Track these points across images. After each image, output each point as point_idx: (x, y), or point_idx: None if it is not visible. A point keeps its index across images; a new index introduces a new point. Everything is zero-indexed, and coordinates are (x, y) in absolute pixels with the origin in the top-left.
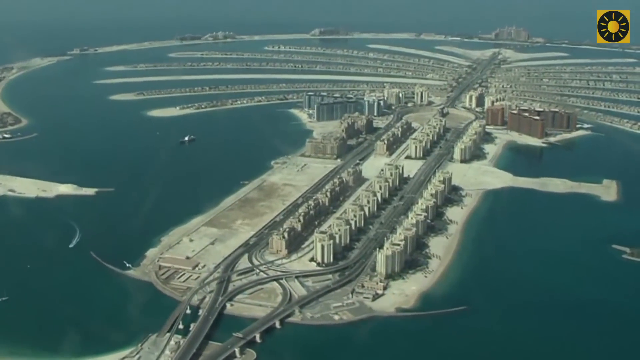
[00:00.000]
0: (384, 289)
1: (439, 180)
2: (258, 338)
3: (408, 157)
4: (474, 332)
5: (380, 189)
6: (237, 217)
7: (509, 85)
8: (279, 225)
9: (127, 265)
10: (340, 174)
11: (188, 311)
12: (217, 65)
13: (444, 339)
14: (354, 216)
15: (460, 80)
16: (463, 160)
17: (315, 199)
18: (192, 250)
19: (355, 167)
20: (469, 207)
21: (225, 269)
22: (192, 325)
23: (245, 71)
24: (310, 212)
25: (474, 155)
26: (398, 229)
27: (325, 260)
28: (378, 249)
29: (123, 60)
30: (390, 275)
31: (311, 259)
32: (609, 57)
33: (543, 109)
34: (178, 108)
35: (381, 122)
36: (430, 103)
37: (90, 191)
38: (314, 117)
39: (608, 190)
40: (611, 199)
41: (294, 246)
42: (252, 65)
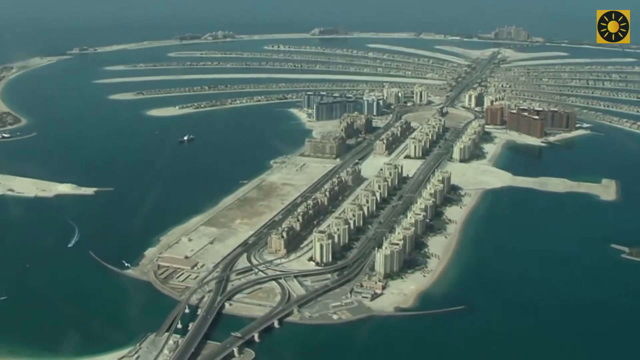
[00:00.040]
0: (383, 288)
1: (438, 180)
2: (257, 337)
3: (407, 157)
4: (472, 332)
5: (379, 188)
6: (236, 217)
7: (508, 85)
8: (277, 224)
9: (126, 264)
10: (339, 174)
11: (187, 310)
12: (217, 65)
13: (442, 339)
14: (352, 216)
15: (459, 79)
16: (462, 160)
17: (314, 199)
18: (191, 249)
19: (354, 167)
20: (468, 207)
21: (224, 268)
22: (191, 324)
23: (244, 71)
24: (309, 212)
25: (473, 154)
26: (397, 228)
27: (324, 260)
28: (377, 248)
29: (122, 59)
30: (389, 275)
31: (310, 259)
32: (609, 57)
33: (542, 109)
34: (177, 107)
35: (380, 122)
36: (429, 102)
37: (89, 191)
38: (313, 117)
39: (607, 190)
40: (610, 199)
41: (292, 246)
42: (252, 64)
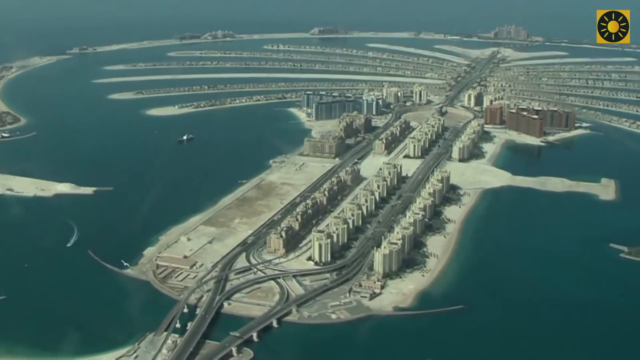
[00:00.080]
0: (382, 288)
1: (437, 179)
2: (255, 337)
3: (406, 156)
4: (471, 331)
5: (379, 188)
6: (235, 216)
7: (507, 85)
8: (276, 224)
9: (125, 264)
10: (338, 173)
11: (185, 310)
12: (216, 65)
13: (441, 338)
14: (351, 215)
15: (459, 79)
16: (461, 159)
17: (313, 198)
18: (190, 249)
19: (353, 166)
20: (467, 206)
21: (223, 267)
22: (190, 324)
23: (244, 70)
24: (308, 211)
25: (473, 154)
26: (396, 228)
27: (322, 259)
28: (376, 248)
29: (122, 59)
30: (387, 274)
31: (309, 258)
32: (608, 56)
33: (542, 108)
34: (177, 107)
35: (380, 121)
36: (429, 102)
37: (88, 190)
38: (312, 116)
39: (606, 189)
40: (609, 198)
41: (291, 245)
42: (251, 64)
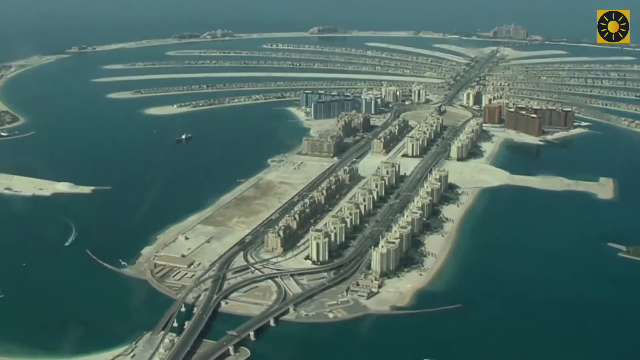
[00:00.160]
0: (379, 287)
1: (435, 178)
2: (252, 336)
3: (405, 155)
4: (469, 330)
5: (377, 187)
6: (233, 215)
7: (506, 83)
8: (274, 223)
9: (123, 263)
10: (336, 172)
11: (183, 309)
12: (215, 64)
13: (439, 337)
14: (349, 214)
15: (458, 78)
16: (460, 158)
17: (311, 197)
18: (188, 248)
19: (351, 165)
20: (465, 205)
21: (221, 267)
22: (187, 323)
23: (243, 69)
24: (306, 210)
25: (471, 153)
26: (394, 227)
27: (320, 259)
28: (373, 247)
29: (121, 58)
30: (385, 274)
31: (306, 257)
32: (607, 55)
33: (540, 107)
34: (175, 106)
35: (378, 120)
36: (427, 101)
37: (86, 189)
38: (311, 115)
39: (604, 188)
40: (608, 197)
41: (289, 244)
42: (250, 63)
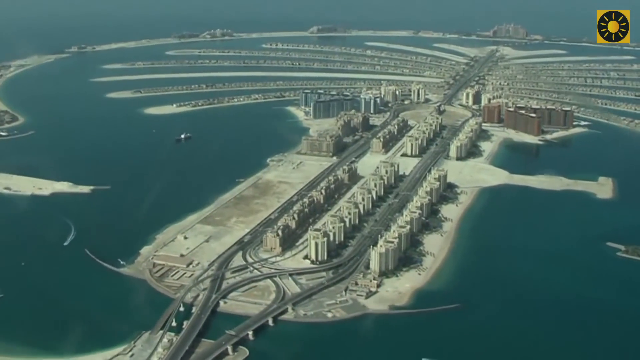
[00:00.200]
0: (378, 286)
1: (434, 178)
2: (251, 336)
3: (404, 155)
4: (467, 330)
5: (376, 186)
6: (232, 215)
7: (506, 83)
8: (273, 222)
9: (122, 262)
10: (335, 172)
11: (181, 309)
12: (215, 63)
13: (437, 337)
14: (348, 214)
15: (457, 77)
16: (459, 158)
17: (310, 197)
18: (187, 247)
19: (350, 165)
20: (464, 205)
21: (219, 266)
22: (185, 322)
23: (242, 69)
24: (305, 210)
25: (470, 152)
26: (392, 226)
27: (319, 258)
28: (372, 246)
29: (121, 58)
30: (384, 273)
31: (305, 257)
32: (607, 55)
33: (540, 107)
34: (175, 106)
35: (377, 120)
36: (427, 100)
37: (85, 189)
38: (310, 115)
39: (604, 188)
40: (607, 197)
41: (288, 244)
42: (250, 63)
